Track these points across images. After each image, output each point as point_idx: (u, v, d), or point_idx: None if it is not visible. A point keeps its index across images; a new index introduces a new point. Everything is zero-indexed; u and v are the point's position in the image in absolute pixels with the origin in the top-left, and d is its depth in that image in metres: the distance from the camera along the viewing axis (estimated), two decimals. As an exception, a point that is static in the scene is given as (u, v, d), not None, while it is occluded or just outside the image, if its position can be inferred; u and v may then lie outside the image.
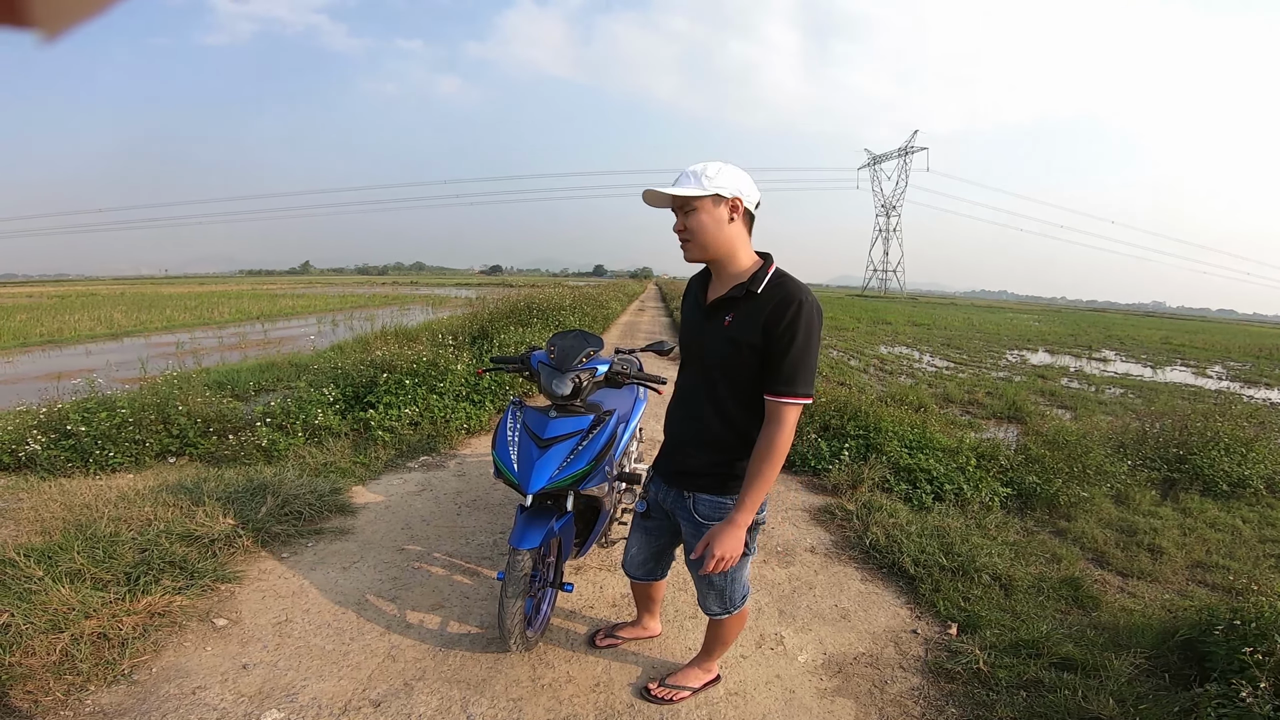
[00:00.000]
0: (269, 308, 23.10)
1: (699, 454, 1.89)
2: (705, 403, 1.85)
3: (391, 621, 2.68)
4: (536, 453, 2.42)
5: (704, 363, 1.84)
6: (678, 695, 2.28)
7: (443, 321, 12.35)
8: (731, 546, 1.76)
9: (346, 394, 5.58)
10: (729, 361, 1.76)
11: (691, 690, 2.30)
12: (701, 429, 1.87)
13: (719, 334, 1.77)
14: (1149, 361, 17.44)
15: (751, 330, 1.70)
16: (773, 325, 1.67)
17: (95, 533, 2.90)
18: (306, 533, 3.41)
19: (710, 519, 1.90)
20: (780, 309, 1.68)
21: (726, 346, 1.75)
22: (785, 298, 1.69)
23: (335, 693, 2.24)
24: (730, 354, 1.75)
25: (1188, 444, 5.43)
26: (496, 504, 3.98)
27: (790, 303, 1.68)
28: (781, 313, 1.67)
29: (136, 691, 2.19)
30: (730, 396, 1.80)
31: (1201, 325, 58.18)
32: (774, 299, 1.70)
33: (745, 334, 1.71)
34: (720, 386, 1.81)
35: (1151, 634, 2.62)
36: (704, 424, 1.86)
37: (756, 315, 1.70)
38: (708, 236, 1.73)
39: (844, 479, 4.48)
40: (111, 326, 15.79)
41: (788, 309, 1.67)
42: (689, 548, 1.98)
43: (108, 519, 3.06)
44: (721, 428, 1.83)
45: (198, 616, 2.62)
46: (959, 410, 7.87)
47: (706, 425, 1.85)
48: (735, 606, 2.09)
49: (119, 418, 4.53)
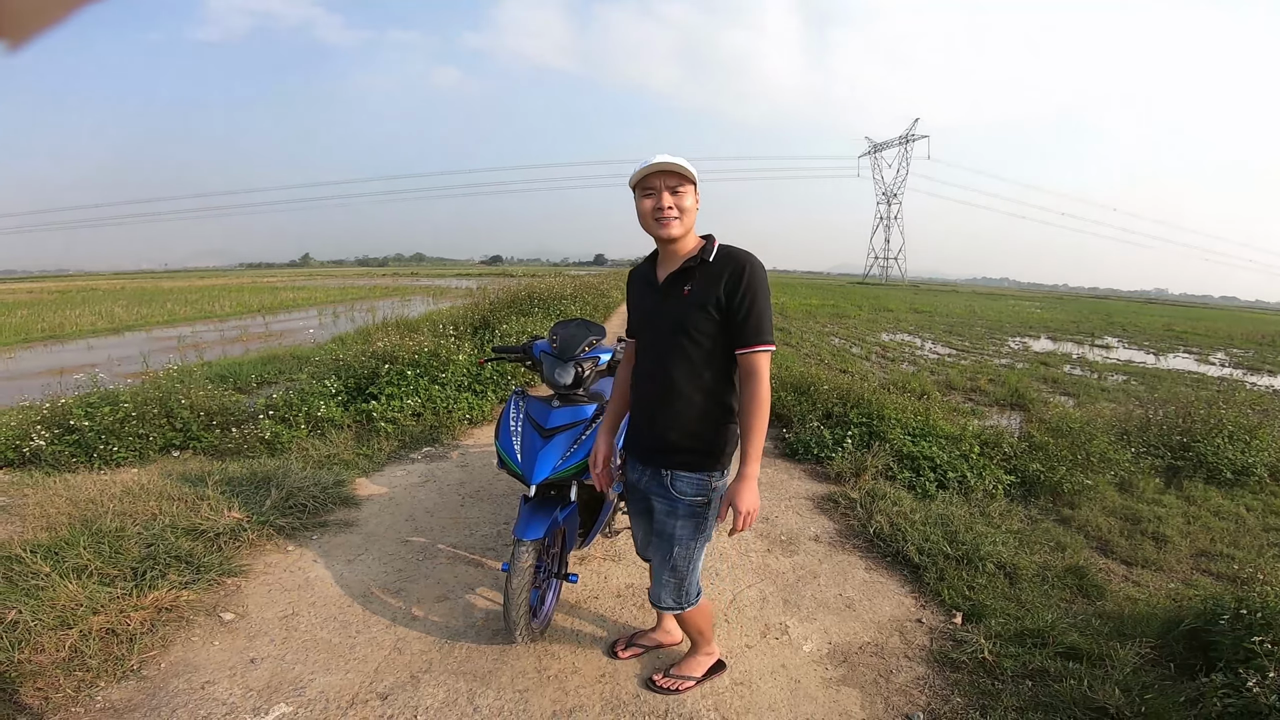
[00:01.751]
0: (269, 301, 23.09)
1: (679, 427, 1.91)
2: (677, 373, 1.89)
3: (397, 614, 2.69)
4: (539, 443, 2.41)
5: (670, 335, 1.89)
6: (683, 685, 2.29)
7: (444, 312, 12.34)
8: (753, 499, 1.82)
9: (349, 386, 5.58)
10: (697, 327, 1.84)
11: (695, 679, 2.31)
12: (679, 399, 1.90)
13: (680, 303, 1.86)
14: (1151, 348, 17.40)
15: (711, 294, 1.82)
16: (732, 288, 1.81)
17: (101, 528, 2.90)
18: (311, 525, 3.42)
19: (687, 495, 1.93)
20: (735, 273, 1.81)
21: (692, 312, 1.84)
22: (737, 262, 1.83)
23: (343, 686, 2.24)
24: (696, 319, 1.84)
25: (1191, 431, 5.41)
26: (500, 495, 3.98)
27: (742, 266, 1.82)
28: (738, 276, 1.81)
29: (146, 687, 2.20)
30: (701, 361, 1.87)
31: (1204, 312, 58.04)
32: (727, 266, 1.83)
33: (706, 299, 1.82)
34: (691, 353, 1.87)
35: (1156, 623, 2.62)
36: (680, 394, 1.89)
37: (714, 281, 1.82)
38: (690, 216, 1.87)
39: (847, 467, 4.48)
40: (113, 321, 15.80)
41: (742, 272, 1.81)
42: (663, 531, 2.00)
43: (113, 514, 3.06)
44: (699, 395, 1.89)
45: (205, 611, 2.63)
46: (962, 397, 7.86)
47: (683, 394, 1.89)
48: (690, 602, 2.09)
49: (122, 412, 4.53)
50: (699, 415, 1.90)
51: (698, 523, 1.97)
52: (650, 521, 2.08)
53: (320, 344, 9.70)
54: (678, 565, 2.02)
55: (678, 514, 1.95)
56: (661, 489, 1.97)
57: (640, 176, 1.83)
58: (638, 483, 2.07)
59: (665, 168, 1.80)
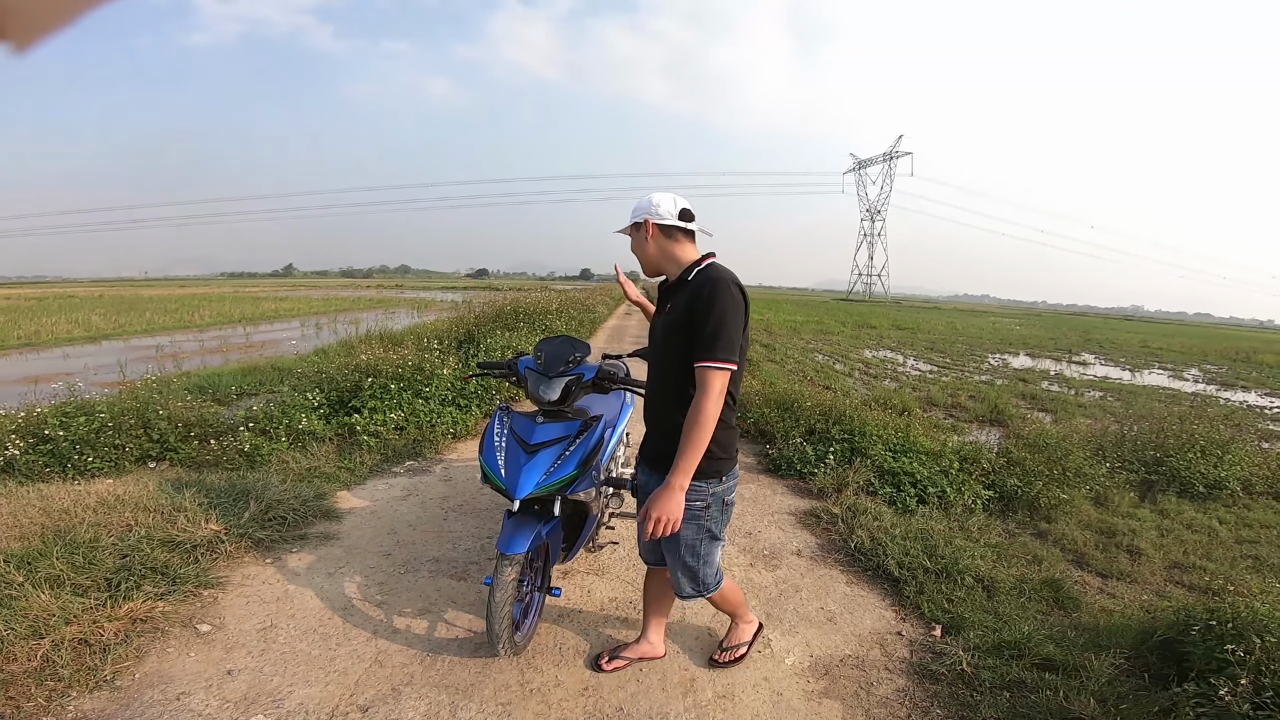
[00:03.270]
0: (251, 311, 22.87)
1: (667, 437, 1.99)
2: (664, 388, 2.05)
3: (379, 626, 2.67)
4: (524, 458, 2.42)
5: (660, 349, 2.07)
6: (739, 653, 2.53)
7: (428, 326, 12.29)
8: (669, 508, 1.87)
9: (331, 399, 5.54)
10: (672, 342, 1.98)
11: (747, 644, 2.56)
12: (665, 413, 2.03)
13: (664, 321, 2.05)
14: (1128, 365, 17.72)
15: (684, 311, 1.94)
16: (695, 302, 1.91)
17: (74, 538, 2.86)
18: (291, 538, 3.38)
19: (687, 500, 1.97)
20: (700, 289, 1.92)
21: (669, 331, 2.00)
22: (705, 280, 1.93)
23: (322, 698, 2.22)
24: (672, 336, 1.98)
25: (1165, 446, 5.52)
26: (483, 509, 3.97)
27: (708, 283, 1.91)
28: (700, 291, 1.91)
29: (119, 698, 2.17)
30: (679, 376, 1.97)
31: (1179, 328, 59.16)
32: (700, 285, 1.94)
33: (679, 315, 1.96)
34: (671, 369, 2.00)
35: (1131, 634, 2.66)
36: (666, 408, 2.03)
37: (687, 299, 1.95)
38: (639, 256, 2.10)
39: (829, 482, 4.52)
40: (90, 329, 15.54)
41: (705, 287, 1.91)
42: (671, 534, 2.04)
43: (87, 525, 3.01)
44: (676, 410, 1.95)
45: (180, 622, 2.59)
46: (942, 413, 7.96)
47: (667, 409, 2.02)
48: (710, 589, 2.23)
49: (98, 422, 4.47)
50: (679, 426, 1.92)
51: (699, 525, 2.07)
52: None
53: (302, 355, 9.61)
54: (687, 562, 2.14)
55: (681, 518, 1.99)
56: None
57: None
58: (645, 486, 2.19)
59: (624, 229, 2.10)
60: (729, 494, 2.11)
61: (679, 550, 2.12)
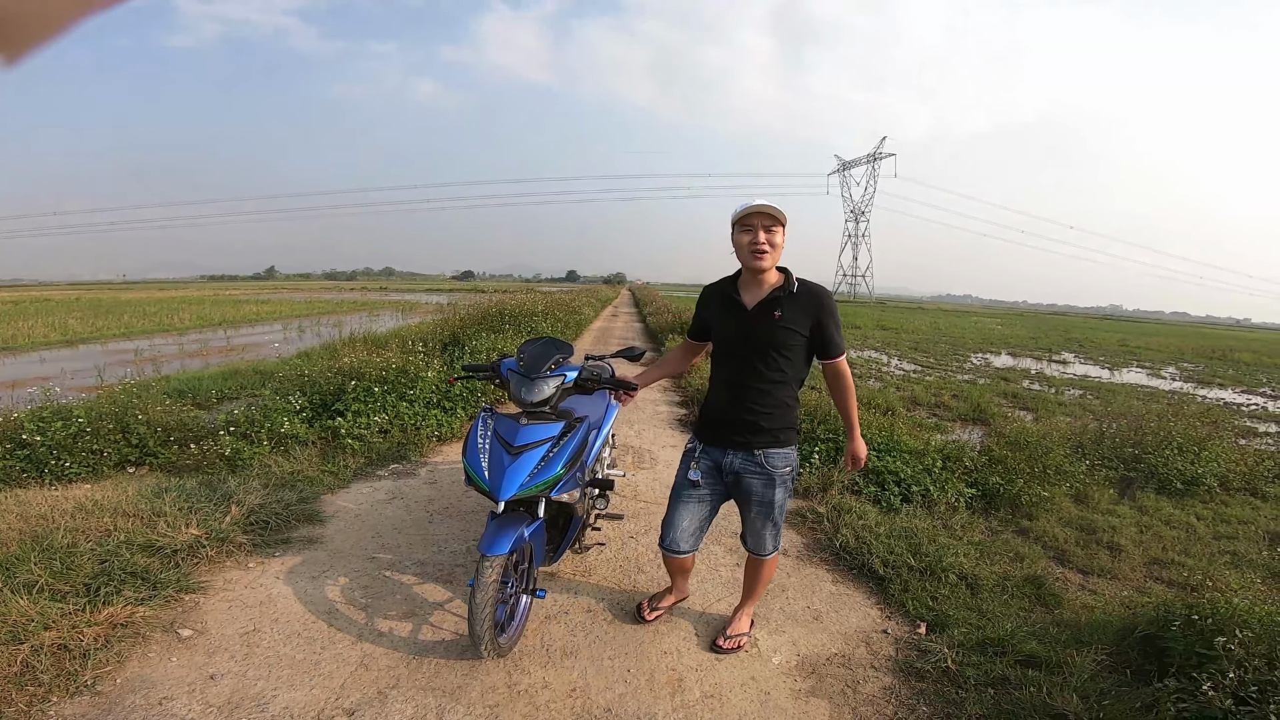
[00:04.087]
0: (232, 314, 22.59)
1: (767, 419, 2.38)
2: (764, 380, 2.36)
3: (363, 630, 2.65)
4: (507, 460, 2.42)
5: (763, 349, 2.34)
6: (742, 642, 2.66)
7: (413, 328, 12.21)
8: (863, 449, 2.56)
9: (314, 402, 5.49)
10: (787, 344, 2.32)
11: (747, 634, 2.70)
12: (768, 397, 2.37)
13: (773, 326, 2.31)
14: (1107, 363, 17.96)
15: (801, 321, 2.32)
16: (821, 315, 2.33)
17: (52, 544, 2.81)
18: (274, 542, 3.35)
19: (779, 469, 2.42)
20: (817, 303, 2.33)
21: (783, 334, 2.31)
22: (818, 295, 2.35)
23: (307, 702, 2.20)
24: (787, 338, 2.32)
25: (1143, 444, 5.61)
26: (469, 511, 3.95)
27: (824, 297, 2.35)
28: (822, 306, 2.33)
29: (100, 702, 2.14)
30: (787, 368, 2.36)
31: (1157, 327, 60.06)
32: (810, 297, 2.34)
33: (796, 324, 2.31)
34: (781, 363, 2.34)
35: (1112, 630, 2.70)
36: (771, 396, 2.37)
37: (802, 310, 2.32)
38: (778, 252, 2.29)
39: (815, 482, 4.54)
40: (67, 333, 15.28)
41: (824, 302, 2.34)
42: (765, 500, 2.45)
43: (64, 530, 2.96)
44: (784, 396, 2.40)
45: (161, 627, 2.56)
46: (926, 413, 8.02)
47: (773, 396, 2.37)
48: (779, 544, 2.60)
49: (75, 427, 4.40)
50: (778, 405, 2.38)
51: (788, 486, 2.48)
52: (710, 510, 2.59)
53: (285, 359, 9.51)
54: (777, 519, 2.51)
55: (774, 482, 2.43)
56: (756, 466, 2.43)
57: (742, 215, 2.24)
58: (726, 466, 2.47)
59: (764, 209, 2.22)
60: (797, 460, 2.53)
61: (773, 511, 2.48)
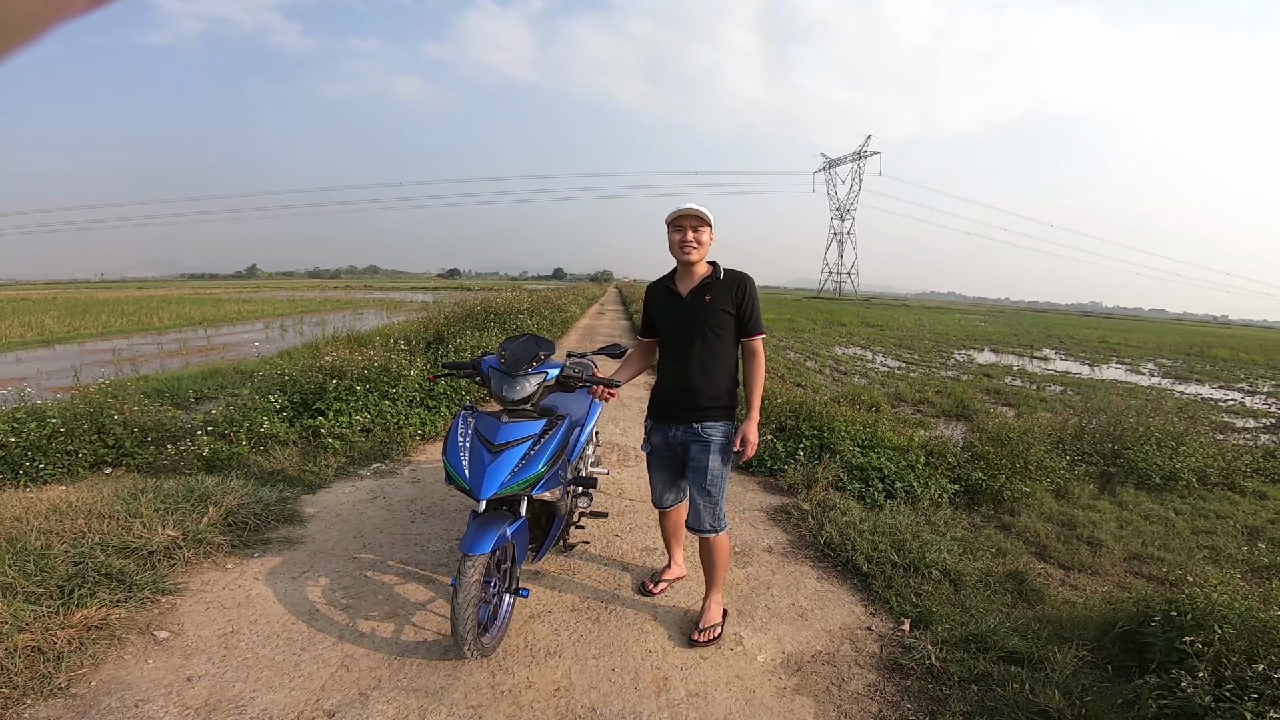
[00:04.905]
0: (212, 313, 22.28)
1: (707, 394, 2.63)
2: (704, 358, 2.62)
3: (344, 631, 2.62)
4: (488, 458, 2.40)
5: (699, 330, 2.61)
6: (716, 633, 2.71)
7: (397, 326, 12.11)
8: (756, 434, 2.62)
9: (294, 401, 5.43)
10: (719, 323, 2.61)
11: (720, 624, 2.76)
12: (706, 376, 2.62)
13: (704, 309, 2.60)
14: (1087, 360, 18.16)
15: (727, 301, 2.61)
16: (740, 296, 2.62)
17: (25, 546, 2.76)
18: (253, 543, 3.30)
19: (716, 438, 2.63)
20: (740, 286, 2.64)
21: (715, 315, 2.60)
22: (740, 279, 2.65)
23: (287, 704, 2.17)
24: (718, 319, 2.60)
25: (1122, 439, 5.66)
26: (452, 510, 3.92)
27: (744, 281, 2.66)
28: (743, 288, 2.64)
29: (75, 705, 2.11)
30: (720, 346, 2.64)
31: (1136, 324, 60.86)
32: (734, 281, 2.64)
33: (724, 304, 2.61)
34: (713, 344, 2.62)
35: (1093, 626, 2.72)
36: (708, 372, 2.62)
37: (727, 292, 2.62)
38: (704, 248, 2.62)
39: (799, 479, 4.55)
40: (43, 333, 14.99)
41: (744, 285, 2.65)
42: (699, 466, 2.65)
43: (38, 532, 2.90)
44: (719, 373, 2.65)
45: (137, 629, 2.52)
46: (910, 409, 8.06)
47: (709, 373, 2.63)
48: (722, 525, 2.71)
49: (49, 428, 4.31)
50: (718, 382, 2.64)
51: (724, 456, 2.65)
52: (675, 473, 2.84)
53: (266, 358, 9.40)
54: (711, 491, 2.65)
55: (710, 450, 2.63)
56: (695, 436, 2.65)
57: (674, 217, 2.56)
58: (672, 439, 2.72)
59: (691, 212, 2.54)
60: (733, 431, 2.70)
61: (706, 479, 2.64)
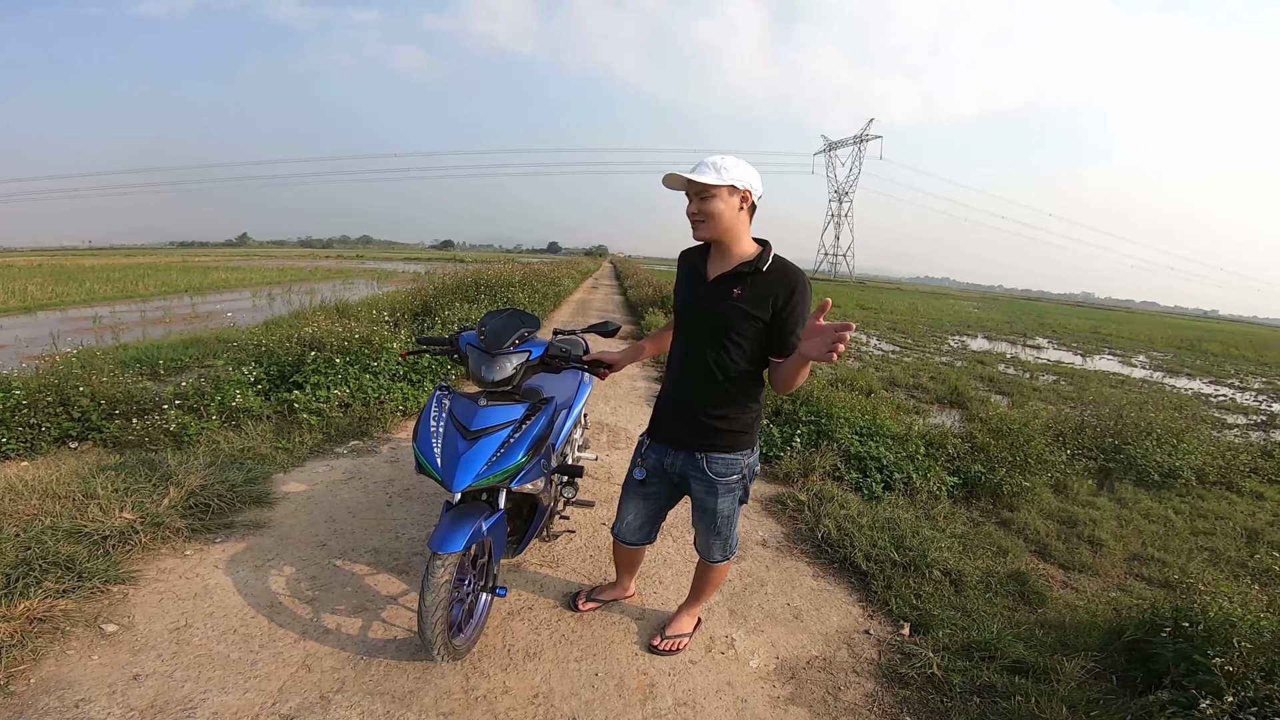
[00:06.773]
0: (199, 281, 21.86)
1: (712, 416, 2.07)
2: (714, 367, 2.02)
3: (308, 626, 2.44)
4: (463, 445, 2.16)
5: (714, 330, 2.01)
6: (681, 644, 2.47)
7: (384, 297, 11.86)
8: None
9: (270, 373, 5.21)
10: (740, 330, 1.96)
11: (688, 636, 2.51)
12: (714, 387, 2.04)
13: (726, 305, 1.96)
14: (1079, 349, 18.17)
15: (759, 305, 1.93)
16: (781, 303, 1.91)
17: (-29, 529, 2.57)
18: (215, 527, 3.11)
19: (722, 476, 2.12)
20: (787, 288, 1.92)
21: (738, 317, 1.95)
22: (789, 279, 1.93)
23: (240, 707, 2.01)
24: (741, 323, 1.95)
25: (1122, 434, 5.56)
26: (431, 494, 3.74)
27: (793, 285, 1.92)
28: (788, 294, 1.91)
29: (12, 704, 1.95)
30: (736, 360, 2.00)
31: (1127, 316, 61.20)
32: (779, 279, 1.93)
33: (753, 307, 1.93)
34: (730, 349, 2.00)
35: (1098, 634, 2.60)
36: (716, 382, 2.03)
37: (764, 292, 1.93)
38: (722, 221, 1.92)
39: (796, 467, 4.40)
40: (24, 299, 14.63)
41: (792, 291, 1.91)
42: (701, 504, 2.20)
43: (-12, 513, 2.71)
44: (734, 391, 2.04)
45: (84, 622, 2.34)
46: (904, 394, 7.99)
47: (717, 383, 2.03)
48: (733, 552, 2.35)
49: (13, 400, 4.08)
50: (730, 402, 2.05)
51: (734, 496, 2.18)
52: (660, 506, 2.35)
53: (250, 328, 9.15)
54: (721, 530, 2.24)
55: (716, 492, 2.14)
56: (698, 471, 2.13)
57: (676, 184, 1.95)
58: (669, 466, 2.20)
59: (687, 179, 1.90)
60: (756, 465, 2.20)
61: (715, 522, 2.21)
